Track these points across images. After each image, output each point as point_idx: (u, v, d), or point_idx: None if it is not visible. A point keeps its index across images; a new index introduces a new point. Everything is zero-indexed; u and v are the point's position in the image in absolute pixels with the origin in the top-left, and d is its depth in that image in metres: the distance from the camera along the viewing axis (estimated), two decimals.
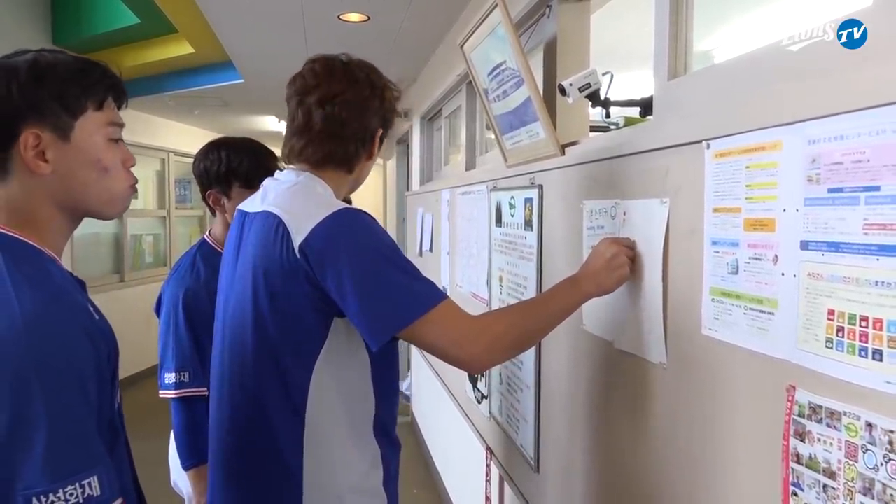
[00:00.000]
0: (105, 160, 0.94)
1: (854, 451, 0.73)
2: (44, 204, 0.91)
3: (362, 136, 1.31)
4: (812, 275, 0.80)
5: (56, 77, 0.90)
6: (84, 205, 0.94)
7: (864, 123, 0.72)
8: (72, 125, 0.91)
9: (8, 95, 0.88)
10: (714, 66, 1.16)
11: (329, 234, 1.13)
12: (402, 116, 1.37)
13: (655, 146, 1.17)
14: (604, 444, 1.41)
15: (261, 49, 4.08)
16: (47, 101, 0.89)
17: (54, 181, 0.90)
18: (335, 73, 1.30)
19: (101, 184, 0.94)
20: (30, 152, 0.88)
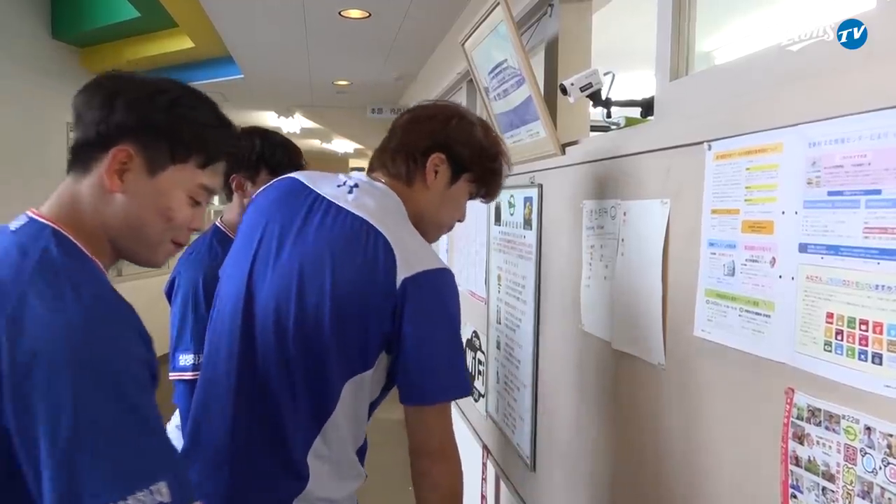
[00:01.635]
0: (174, 213, 0.91)
1: (853, 454, 0.74)
2: (96, 219, 0.88)
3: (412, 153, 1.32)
4: (811, 277, 0.80)
5: (187, 119, 0.90)
6: (129, 241, 0.91)
7: (865, 126, 0.72)
8: (165, 167, 0.89)
9: (132, 109, 0.86)
10: (716, 68, 1.16)
11: (432, 287, 1.17)
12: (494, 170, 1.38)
13: (657, 147, 1.17)
14: (600, 445, 1.41)
15: (261, 44, 4.07)
16: (162, 133, 0.88)
17: (117, 204, 0.87)
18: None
19: (155, 228, 0.91)
20: (112, 165, 0.86)
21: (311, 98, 5.94)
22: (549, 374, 1.71)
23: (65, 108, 4.79)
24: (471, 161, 1.32)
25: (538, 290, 1.77)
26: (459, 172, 1.32)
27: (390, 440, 4.61)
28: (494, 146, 1.36)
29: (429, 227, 1.35)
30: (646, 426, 1.21)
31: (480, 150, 1.33)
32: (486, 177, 1.36)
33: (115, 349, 0.77)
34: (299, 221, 1.23)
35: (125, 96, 0.87)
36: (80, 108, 0.88)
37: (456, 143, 1.30)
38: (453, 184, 1.33)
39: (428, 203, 1.32)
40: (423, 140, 1.30)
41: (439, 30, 3.49)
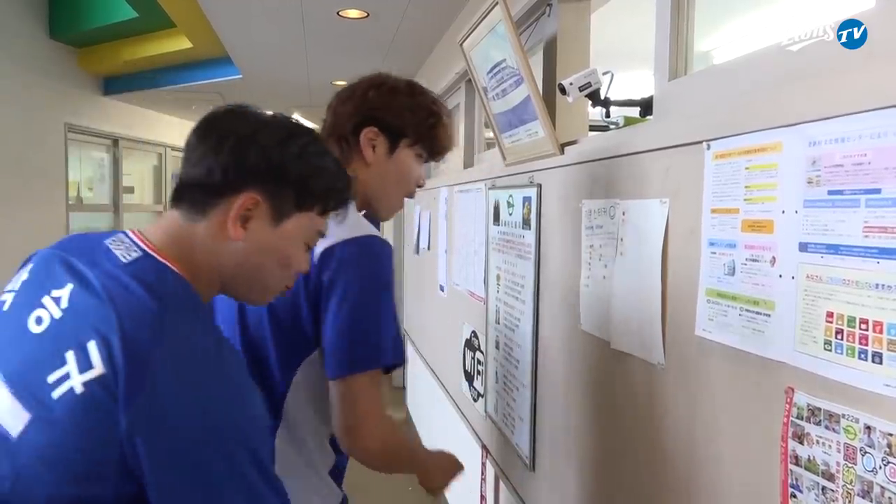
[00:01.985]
0: (292, 260, 0.91)
1: (853, 453, 0.73)
2: (210, 262, 0.86)
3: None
4: (811, 277, 0.80)
5: (314, 166, 0.89)
6: (242, 285, 0.90)
7: (865, 126, 0.72)
8: (290, 215, 0.88)
9: (267, 154, 0.85)
10: (715, 67, 1.16)
11: (351, 255, 1.14)
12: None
13: (656, 146, 1.17)
14: (600, 445, 1.41)
15: (259, 44, 4.07)
16: (291, 182, 0.86)
17: (237, 250, 0.86)
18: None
19: (272, 275, 0.90)
20: (238, 212, 0.84)
21: (309, 98, 5.93)
22: (548, 374, 1.71)
23: (62, 107, 4.81)
24: (403, 125, 1.30)
25: (537, 289, 1.77)
26: (396, 140, 1.30)
27: None
28: (424, 103, 1.33)
29: (381, 202, 1.35)
30: (645, 425, 1.21)
31: (409, 112, 1.30)
32: (425, 136, 1.33)
33: (248, 419, 0.75)
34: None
35: (258, 142, 0.84)
36: (199, 145, 0.85)
37: (382, 112, 1.28)
38: (393, 153, 1.31)
39: (372, 179, 1.30)
40: (348, 119, 1.29)
41: (437, 30, 3.48)
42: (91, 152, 6.06)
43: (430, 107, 1.32)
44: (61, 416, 0.71)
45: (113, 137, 6.16)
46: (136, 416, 0.69)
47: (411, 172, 1.34)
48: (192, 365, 0.73)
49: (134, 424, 0.69)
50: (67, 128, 5.34)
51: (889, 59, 0.74)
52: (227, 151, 0.84)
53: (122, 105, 6.12)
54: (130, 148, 6.51)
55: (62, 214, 5.33)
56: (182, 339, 0.74)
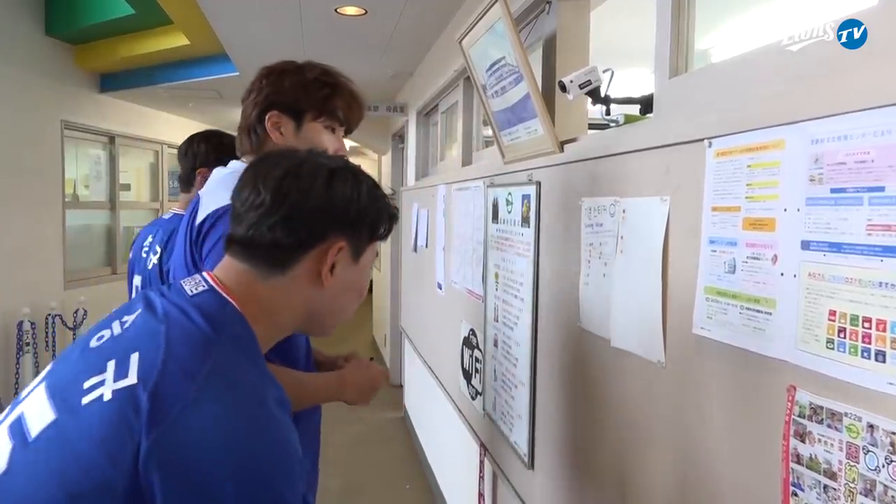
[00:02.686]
0: (364, 290, 0.95)
1: (855, 452, 0.73)
2: (295, 310, 0.87)
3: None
4: (813, 275, 0.80)
5: (379, 201, 0.92)
6: (325, 321, 0.93)
7: (868, 123, 0.72)
8: (364, 249, 0.91)
9: (347, 201, 0.87)
10: (716, 65, 1.15)
11: (212, 220, 1.21)
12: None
13: (656, 144, 1.17)
14: (600, 443, 1.41)
15: (257, 41, 4.05)
16: (367, 222, 0.90)
17: (324, 295, 0.88)
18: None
19: (352, 307, 0.94)
20: (329, 262, 0.86)
21: None
22: (546, 372, 1.71)
23: (59, 105, 4.78)
24: (299, 102, 1.33)
25: (536, 287, 1.77)
26: (300, 117, 1.34)
27: (385, 437, 4.63)
28: (313, 76, 1.35)
29: None
30: (645, 424, 1.21)
31: (301, 88, 1.33)
32: (324, 108, 1.35)
33: (276, 459, 0.71)
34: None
35: (334, 190, 0.86)
36: (269, 203, 0.84)
37: (277, 95, 1.33)
38: (300, 129, 1.35)
39: None
40: (252, 110, 1.35)
41: (435, 27, 3.48)
42: (87, 150, 6.04)
43: (320, 78, 1.36)
44: (83, 421, 0.69)
45: (109, 135, 6.14)
46: (157, 439, 0.66)
47: (323, 144, 1.36)
48: (229, 394, 0.71)
49: (153, 448, 0.66)
50: (64, 125, 5.32)
51: (892, 57, 0.74)
52: (314, 208, 0.85)
53: (119, 102, 6.10)
54: (127, 145, 6.50)
55: (58, 212, 5.32)
56: (227, 366, 0.73)
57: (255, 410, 0.71)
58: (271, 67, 1.38)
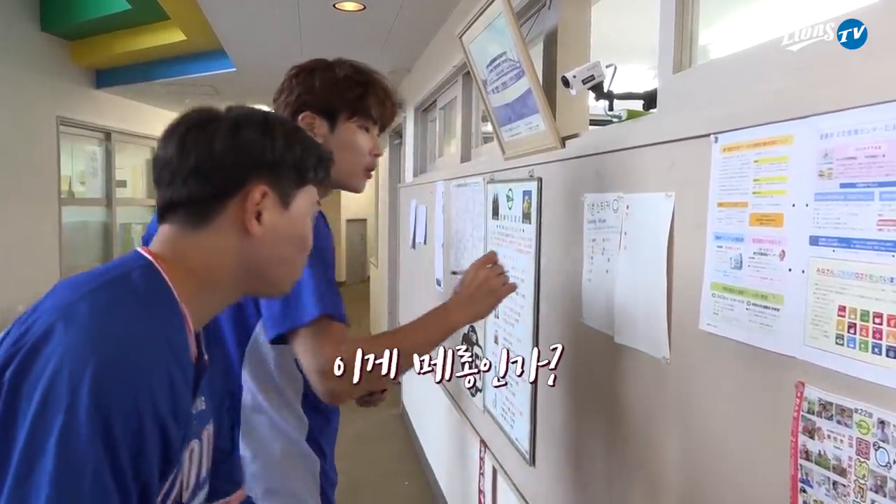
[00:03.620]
0: (308, 239, 0.91)
1: (866, 448, 0.73)
2: (228, 266, 0.84)
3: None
4: (822, 270, 0.79)
5: (304, 143, 0.89)
6: (269, 277, 0.88)
7: (879, 118, 0.72)
8: (294, 194, 0.87)
9: (259, 144, 0.84)
10: (720, 60, 1.15)
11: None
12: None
13: (661, 139, 1.16)
14: (602, 440, 1.40)
15: (254, 37, 4.04)
16: (289, 163, 0.86)
17: (256, 246, 0.84)
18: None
19: (296, 260, 0.90)
20: (252, 208, 0.82)
21: None
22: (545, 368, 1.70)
23: (55, 101, 4.78)
24: (332, 103, 1.30)
25: (537, 283, 1.76)
26: (333, 118, 1.31)
27: (384, 434, 4.62)
28: (345, 75, 1.32)
29: (342, 179, 1.35)
30: (648, 420, 1.20)
31: (332, 88, 1.30)
32: (358, 107, 1.31)
33: (119, 409, 0.67)
34: None
35: (246, 136, 0.84)
36: (182, 158, 0.82)
37: (309, 96, 1.29)
38: (334, 130, 1.31)
39: None
40: (283, 112, 1.32)
41: (434, 23, 3.46)
42: (84, 146, 6.02)
43: (351, 77, 1.32)
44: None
45: (105, 131, 6.12)
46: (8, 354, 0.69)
47: (359, 145, 1.33)
48: (94, 330, 0.70)
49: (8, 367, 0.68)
50: (60, 121, 5.30)
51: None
52: (222, 156, 0.82)
53: (115, 98, 6.08)
54: (123, 142, 6.47)
55: (55, 209, 5.29)
56: (106, 310, 0.72)
57: (124, 351, 0.70)
58: (301, 66, 1.34)
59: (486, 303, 1.29)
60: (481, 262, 1.32)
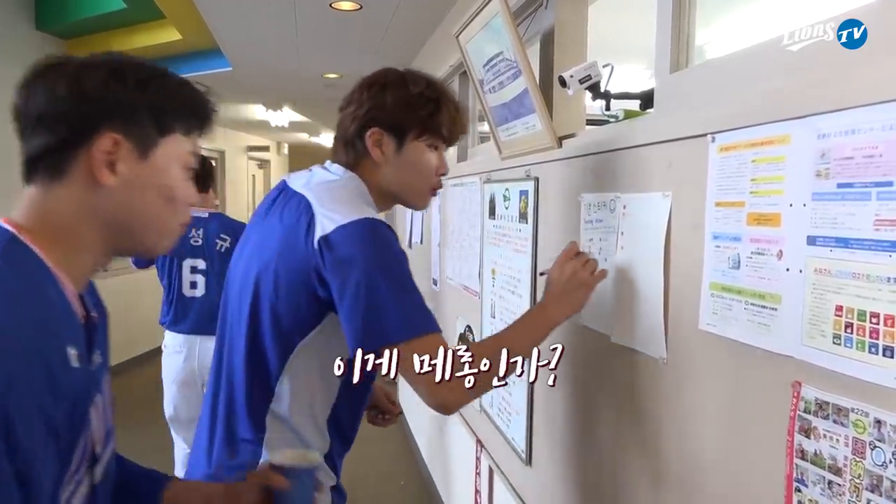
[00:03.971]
0: (176, 191, 0.84)
1: (862, 447, 0.73)
2: (88, 221, 0.79)
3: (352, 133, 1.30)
4: (819, 270, 0.79)
5: (163, 88, 0.82)
6: (136, 232, 0.83)
7: (877, 118, 0.72)
8: (156, 142, 0.81)
9: (102, 90, 0.77)
10: (717, 60, 1.15)
11: (348, 237, 1.13)
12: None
13: (658, 139, 1.16)
14: (599, 439, 1.41)
15: (250, 36, 4.03)
16: (141, 110, 0.79)
17: (114, 198, 0.79)
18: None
19: (162, 214, 0.84)
20: (101, 158, 0.77)
21: (300, 91, 5.90)
22: (544, 368, 1.70)
23: None
24: (403, 121, 1.26)
25: (534, 283, 1.76)
26: (402, 136, 1.27)
27: (380, 434, 4.61)
28: (418, 92, 1.27)
29: (407, 198, 1.34)
30: (646, 420, 1.21)
31: (405, 106, 1.26)
32: (431, 126, 1.27)
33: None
34: (264, 213, 1.31)
35: (92, 81, 0.77)
36: (29, 108, 0.79)
37: (379, 112, 1.25)
38: (402, 149, 1.27)
39: (385, 177, 1.29)
40: (350, 124, 1.28)
41: (431, 22, 3.46)
42: None
43: (424, 94, 1.28)
44: None
45: None
46: None
47: (426, 164, 1.30)
48: None
49: None
50: None
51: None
52: (64, 102, 0.77)
53: None
54: None
55: None
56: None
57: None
58: (373, 79, 1.30)
59: (578, 295, 1.26)
60: (565, 255, 1.29)
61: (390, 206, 1.37)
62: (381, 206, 1.30)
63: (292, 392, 1.22)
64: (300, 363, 1.21)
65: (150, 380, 4.35)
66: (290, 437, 1.23)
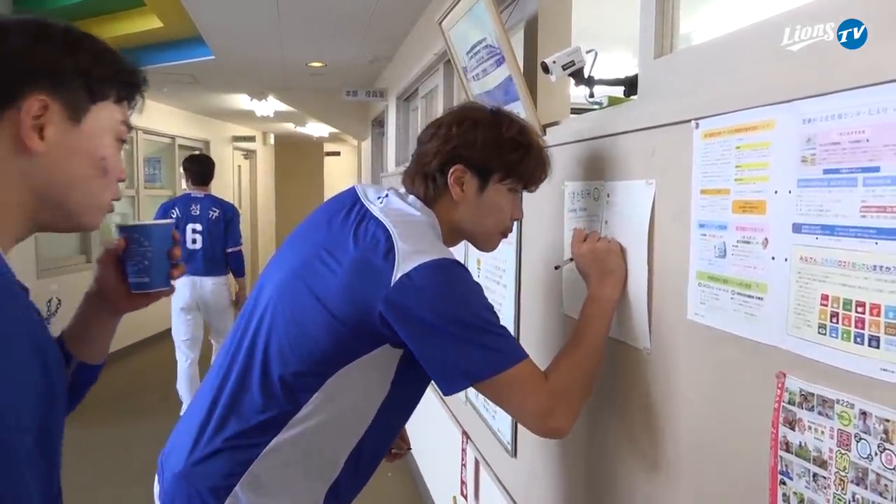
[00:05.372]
0: (108, 161, 0.81)
1: (847, 439, 0.72)
2: (13, 188, 0.74)
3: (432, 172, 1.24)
4: (805, 259, 0.78)
5: (92, 51, 0.78)
6: (63, 203, 0.79)
7: (863, 102, 0.70)
8: (88, 108, 0.78)
9: (29, 50, 0.73)
10: (702, 45, 1.13)
11: (428, 278, 1.08)
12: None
13: (641, 126, 1.14)
14: (584, 430, 1.39)
15: (232, 24, 3.97)
16: (71, 72, 0.76)
17: (40, 165, 0.75)
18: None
19: (93, 185, 0.80)
20: (29, 121, 0.73)
21: (284, 80, 5.83)
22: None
23: None
24: (490, 161, 1.21)
25: (518, 273, 1.74)
26: (486, 176, 1.22)
27: None
28: (509, 135, 1.22)
29: (477, 240, 1.30)
30: (630, 411, 1.19)
31: (495, 147, 1.21)
32: (516, 169, 1.23)
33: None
34: (338, 220, 1.22)
35: (15, 43, 0.74)
36: None
37: (467, 149, 1.21)
38: (484, 190, 1.23)
39: (463, 215, 1.24)
40: (433, 158, 1.23)
41: (414, 10, 3.42)
42: None
43: (516, 138, 1.22)
44: None
45: None
46: None
47: (504, 208, 1.26)
48: None
49: None
50: None
51: (889, 34, 0.71)
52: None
53: None
54: None
55: None
56: None
57: None
58: (465, 114, 1.25)
59: (614, 266, 1.21)
60: (577, 242, 1.27)
61: (457, 243, 1.32)
62: (449, 242, 1.25)
63: (322, 413, 1.15)
64: (339, 386, 1.14)
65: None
66: (295, 467, 1.16)
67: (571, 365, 1.15)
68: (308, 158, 11.74)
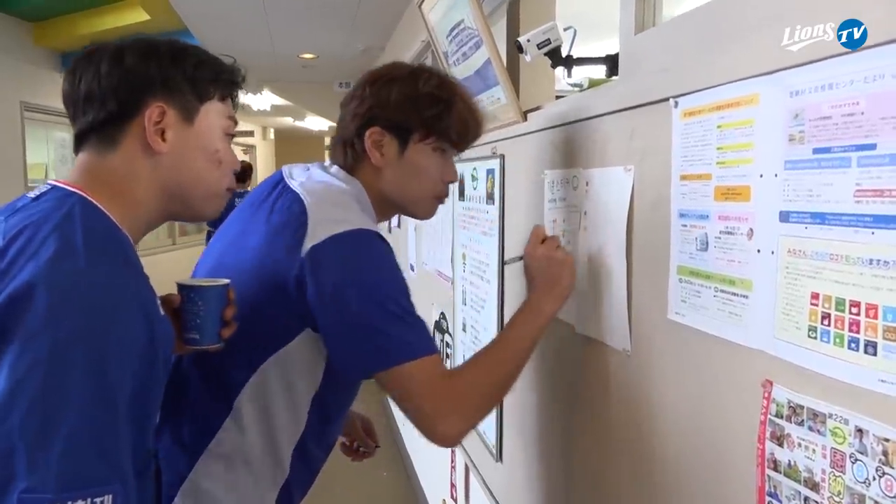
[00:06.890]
0: (221, 153, 0.93)
1: (841, 460, 0.62)
2: (144, 185, 0.87)
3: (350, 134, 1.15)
4: (793, 251, 0.68)
5: (192, 58, 0.90)
6: (187, 195, 0.91)
7: (857, 68, 0.60)
8: (198, 108, 0.90)
9: (143, 65, 0.86)
10: (685, 15, 1.02)
11: (340, 250, 1.00)
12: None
13: (619, 107, 1.04)
14: (565, 436, 1.30)
15: (218, 16, 3.88)
16: (180, 80, 0.88)
17: (165, 164, 0.87)
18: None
19: (211, 176, 0.92)
20: (151, 127, 0.85)
21: (277, 73, 5.74)
22: None
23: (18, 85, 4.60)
24: (406, 120, 1.11)
25: (501, 268, 1.65)
26: (405, 136, 1.12)
27: None
28: (426, 90, 1.12)
29: (409, 206, 1.19)
30: (611, 417, 1.10)
31: (410, 103, 1.11)
32: (436, 126, 1.12)
33: (113, 327, 0.73)
34: (257, 204, 1.15)
35: (132, 60, 0.86)
36: (77, 91, 0.86)
37: (382, 109, 1.11)
38: (404, 152, 1.13)
39: (388, 182, 1.14)
40: (350, 122, 1.14)
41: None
42: (54, 133, 5.83)
43: (433, 93, 1.12)
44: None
45: None
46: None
47: (431, 170, 1.15)
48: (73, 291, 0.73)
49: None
50: (24, 107, 5.11)
51: None
52: (109, 79, 0.85)
53: None
54: None
55: None
56: (57, 259, 0.74)
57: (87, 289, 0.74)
58: (379, 73, 1.16)
59: (562, 276, 1.12)
60: (533, 242, 1.17)
61: (392, 215, 1.23)
62: (381, 215, 1.16)
63: (254, 410, 1.07)
64: (263, 382, 1.06)
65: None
66: (239, 466, 1.07)
67: (481, 371, 1.05)
68: (309, 152, 11.65)
